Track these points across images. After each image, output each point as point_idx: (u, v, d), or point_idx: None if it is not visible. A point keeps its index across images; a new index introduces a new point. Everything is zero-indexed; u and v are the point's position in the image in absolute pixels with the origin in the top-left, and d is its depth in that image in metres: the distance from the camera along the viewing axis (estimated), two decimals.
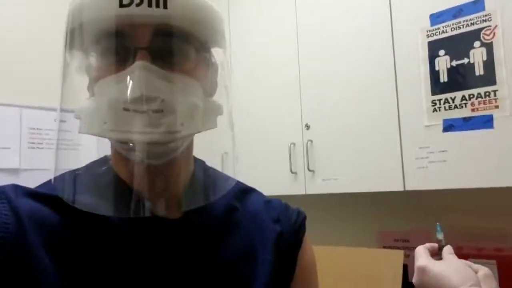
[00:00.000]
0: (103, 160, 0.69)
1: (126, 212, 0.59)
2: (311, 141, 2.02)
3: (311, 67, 2.06)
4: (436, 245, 0.83)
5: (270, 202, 0.79)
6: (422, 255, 0.79)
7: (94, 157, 0.69)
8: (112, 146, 0.66)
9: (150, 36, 0.57)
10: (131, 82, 0.55)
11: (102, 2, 0.56)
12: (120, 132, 0.56)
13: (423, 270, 0.75)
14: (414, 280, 0.77)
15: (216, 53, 0.68)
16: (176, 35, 0.58)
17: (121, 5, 0.55)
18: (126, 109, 0.55)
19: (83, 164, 0.68)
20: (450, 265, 0.74)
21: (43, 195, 0.61)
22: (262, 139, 2.20)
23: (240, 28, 2.36)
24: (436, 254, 0.81)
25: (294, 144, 2.08)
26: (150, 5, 0.55)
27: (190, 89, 0.60)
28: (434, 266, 0.75)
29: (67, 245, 0.58)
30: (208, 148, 0.77)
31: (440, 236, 0.84)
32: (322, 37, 2.03)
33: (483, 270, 0.73)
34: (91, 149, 0.68)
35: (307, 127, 2.04)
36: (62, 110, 0.62)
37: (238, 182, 0.78)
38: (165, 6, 0.56)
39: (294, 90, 2.11)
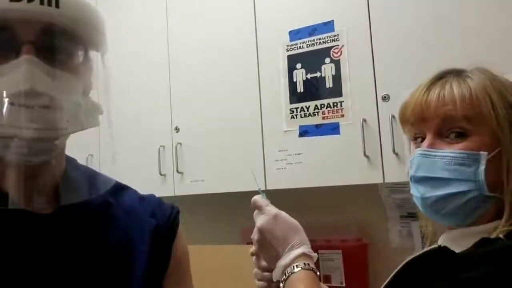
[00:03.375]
0: None
1: None
2: (180, 143, 2.08)
3: (181, 71, 2.12)
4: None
5: (144, 198, 0.84)
6: (268, 204, 0.90)
7: None
8: None
9: (38, 33, 0.58)
10: (17, 75, 0.55)
11: None
12: (6, 127, 0.55)
13: (276, 216, 0.86)
14: (262, 224, 0.86)
15: (96, 54, 0.71)
16: (63, 34, 0.60)
17: None
18: (12, 104, 0.55)
19: None
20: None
21: None
22: (132, 142, 2.18)
23: (111, 26, 2.32)
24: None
25: (163, 146, 2.12)
26: (42, 3, 0.56)
27: (74, 87, 0.62)
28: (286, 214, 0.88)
29: None
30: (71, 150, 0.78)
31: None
32: (193, 44, 2.09)
33: None
34: None
35: (177, 130, 2.09)
36: None
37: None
38: (57, 5, 0.57)
39: (165, 94, 2.14)
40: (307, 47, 1.81)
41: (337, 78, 1.74)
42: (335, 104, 1.73)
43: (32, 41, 0.57)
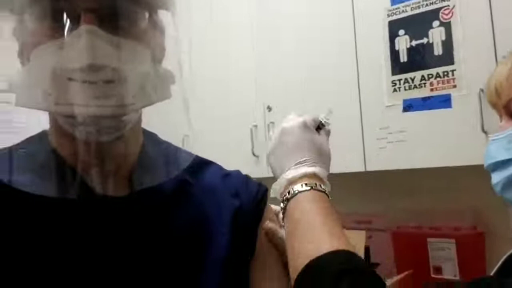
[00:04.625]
0: (41, 136, 0.63)
1: (67, 193, 0.55)
2: (273, 123, 1.99)
3: (272, 46, 2.03)
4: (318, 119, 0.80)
5: (228, 176, 0.76)
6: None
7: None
8: (52, 121, 0.60)
9: None
10: (78, 48, 0.49)
11: None
12: (67, 106, 0.50)
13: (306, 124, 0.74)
14: (287, 126, 0.74)
15: (165, 16, 0.63)
16: None
17: None
18: (72, 79, 0.50)
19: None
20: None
21: None
22: (224, 121, 2.16)
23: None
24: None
25: (256, 126, 2.05)
26: None
27: (140, 56, 0.56)
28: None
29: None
30: (165, 129, 0.72)
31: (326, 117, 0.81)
32: (282, 16, 1.99)
33: None
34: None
35: (269, 108, 2.01)
36: None
37: (193, 154, 0.74)
38: None
39: (255, 72, 2.07)
40: (411, 10, 1.62)
41: (447, 43, 1.53)
42: (445, 73, 1.53)
43: (92, 8, 0.51)
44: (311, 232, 0.59)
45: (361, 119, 1.73)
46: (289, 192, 0.66)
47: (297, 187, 0.65)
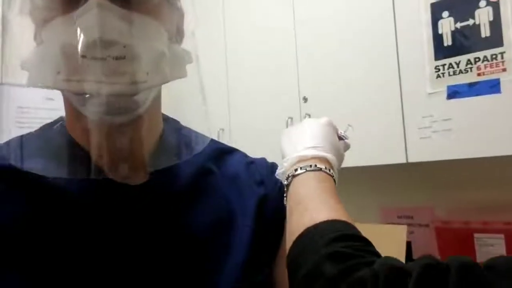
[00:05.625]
0: (57, 120, 0.62)
1: (80, 174, 0.53)
2: (309, 115, 1.93)
3: (308, 33, 1.97)
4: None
5: (253, 163, 0.72)
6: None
7: None
8: (65, 102, 0.58)
9: None
10: (85, 23, 0.47)
11: None
12: (76, 82, 0.48)
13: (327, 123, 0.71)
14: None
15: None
16: None
17: None
18: (82, 56, 0.47)
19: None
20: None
21: None
22: (259, 113, 2.12)
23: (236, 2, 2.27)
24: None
25: (291, 118, 2.00)
26: None
27: (154, 33, 0.53)
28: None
29: (15, 218, 0.52)
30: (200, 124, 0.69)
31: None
32: (321, 5, 1.93)
33: None
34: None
35: (305, 100, 1.96)
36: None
37: (217, 142, 0.71)
38: None
39: (291, 61, 2.01)
40: None
41: (496, 24, 1.43)
42: (494, 56, 1.43)
43: None
44: (311, 205, 0.57)
45: (402, 107, 1.65)
46: (295, 170, 0.62)
47: (306, 166, 0.62)
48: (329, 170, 0.62)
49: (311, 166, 0.61)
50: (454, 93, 1.51)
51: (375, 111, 1.72)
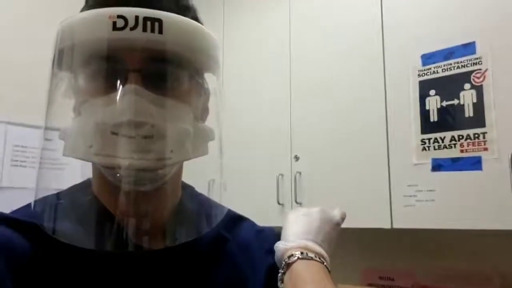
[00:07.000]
0: (86, 185, 0.66)
1: (108, 246, 0.56)
2: (300, 173, 2.00)
3: (303, 99, 2.07)
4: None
5: (262, 232, 0.76)
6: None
7: (79, 178, 0.67)
8: (95, 171, 0.63)
9: (143, 60, 0.55)
10: (120, 105, 0.53)
11: (96, 24, 0.54)
12: (106, 157, 0.53)
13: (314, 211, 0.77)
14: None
15: (209, 78, 0.66)
16: (169, 61, 0.57)
17: (115, 28, 0.53)
18: (114, 133, 0.53)
19: (66, 186, 0.65)
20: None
21: (17, 222, 0.58)
22: (251, 169, 2.18)
23: (232, 54, 2.37)
24: None
25: (282, 175, 2.06)
26: (145, 29, 0.53)
27: (181, 115, 0.58)
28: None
29: (38, 276, 0.55)
30: (194, 173, 0.75)
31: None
32: (314, 75, 2.04)
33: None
34: (76, 169, 0.65)
35: (296, 158, 2.03)
36: (47, 128, 0.60)
37: (228, 210, 0.75)
38: (160, 31, 0.54)
39: (285, 122, 2.10)
40: (442, 72, 1.64)
41: (479, 106, 1.54)
42: (476, 135, 1.53)
43: (137, 69, 0.55)
44: None
45: (389, 175, 1.72)
46: (289, 257, 0.65)
47: (288, 254, 0.65)
48: (319, 258, 0.66)
49: (302, 253, 0.65)
50: (438, 166, 1.60)
51: (363, 177, 1.79)
